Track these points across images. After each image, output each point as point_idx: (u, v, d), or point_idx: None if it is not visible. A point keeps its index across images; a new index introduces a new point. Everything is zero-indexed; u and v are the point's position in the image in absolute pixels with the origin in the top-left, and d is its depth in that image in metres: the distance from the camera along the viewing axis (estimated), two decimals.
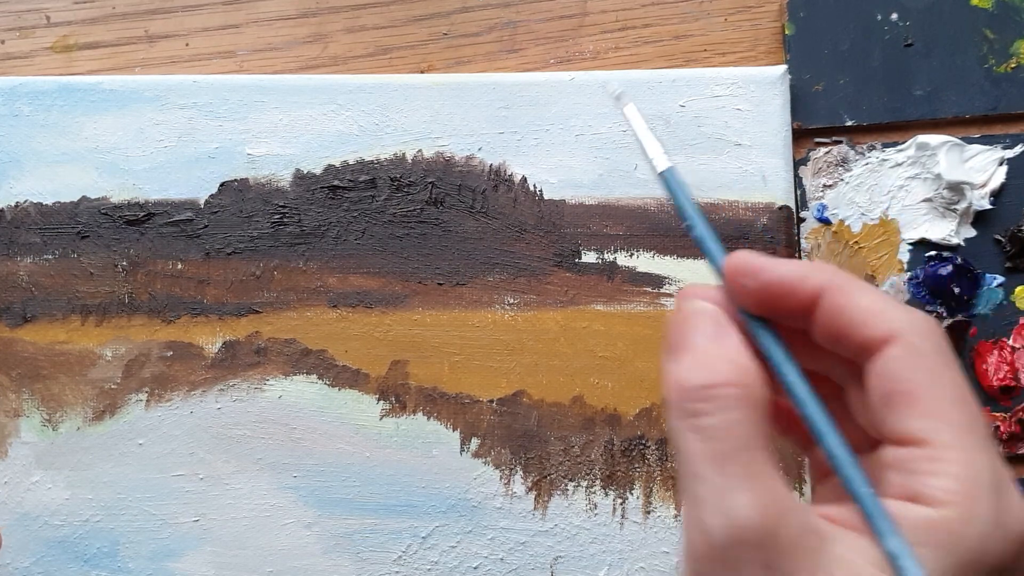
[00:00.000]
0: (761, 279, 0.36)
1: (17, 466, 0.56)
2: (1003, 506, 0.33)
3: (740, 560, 0.33)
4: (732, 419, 0.34)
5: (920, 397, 0.34)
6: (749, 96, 0.58)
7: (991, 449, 0.34)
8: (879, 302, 0.35)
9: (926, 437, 0.33)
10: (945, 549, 0.32)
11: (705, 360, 0.35)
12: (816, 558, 0.32)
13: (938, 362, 0.34)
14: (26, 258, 0.58)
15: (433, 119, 0.59)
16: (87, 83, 0.59)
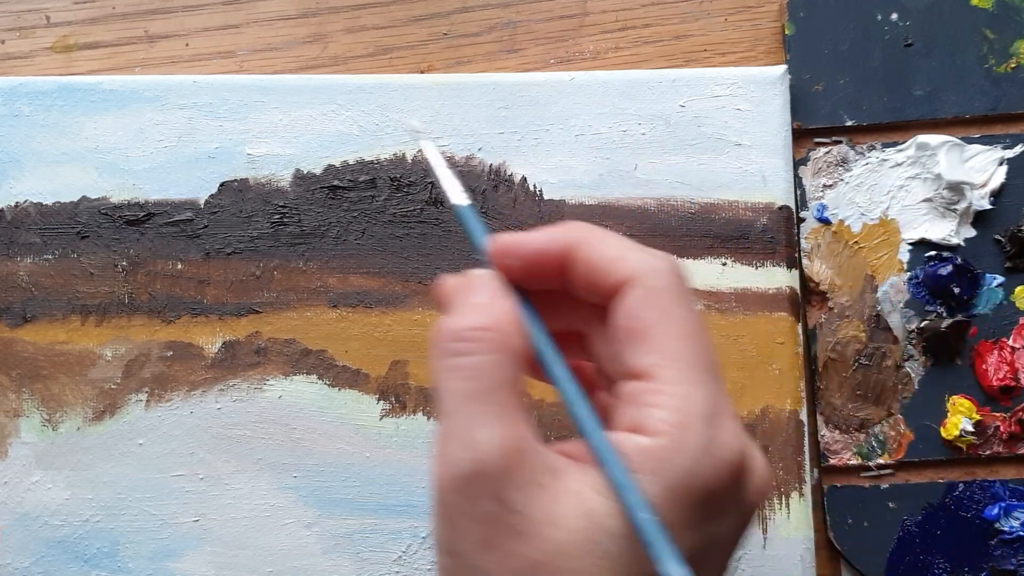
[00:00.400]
0: (521, 254, 0.39)
1: (17, 466, 0.56)
2: (715, 436, 0.35)
3: (477, 492, 0.35)
4: (487, 360, 0.36)
5: (650, 334, 0.36)
6: (749, 96, 0.58)
7: (713, 383, 0.36)
8: (621, 249, 0.38)
9: (651, 371, 0.36)
10: (657, 474, 0.34)
11: (472, 309, 0.38)
12: (547, 493, 0.35)
13: (671, 300, 0.37)
14: (26, 258, 0.58)
15: (433, 119, 0.59)
16: (87, 83, 0.59)
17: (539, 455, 0.36)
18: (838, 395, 0.58)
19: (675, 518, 0.34)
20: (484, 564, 0.36)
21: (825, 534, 0.57)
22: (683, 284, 0.38)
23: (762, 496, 0.39)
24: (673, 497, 0.34)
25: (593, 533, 0.34)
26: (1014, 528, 0.56)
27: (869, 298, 0.58)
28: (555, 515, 0.35)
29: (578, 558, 0.34)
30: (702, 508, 0.35)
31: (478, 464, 0.35)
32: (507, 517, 0.35)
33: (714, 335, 0.57)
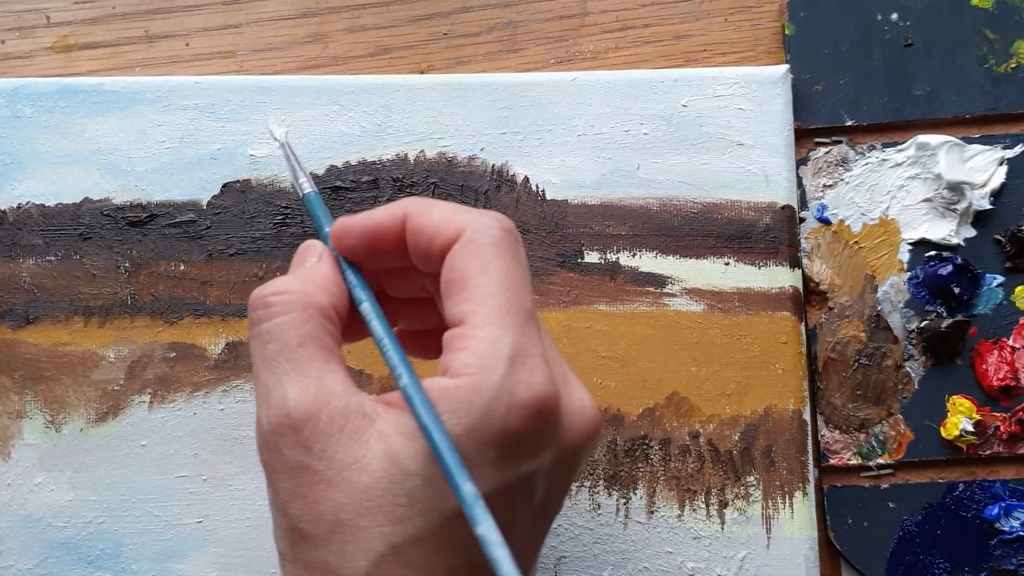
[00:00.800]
0: (358, 231, 0.41)
1: (20, 468, 0.56)
2: (516, 377, 0.36)
3: (283, 444, 0.37)
4: (286, 320, 0.39)
5: (467, 283, 0.38)
6: (751, 96, 0.58)
7: (522, 326, 0.38)
8: (449, 211, 0.40)
9: (464, 317, 0.38)
10: (457, 414, 0.36)
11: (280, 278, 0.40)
12: (355, 438, 0.37)
13: (491, 253, 0.38)
14: (28, 259, 0.58)
15: (435, 120, 0.59)
16: (89, 84, 0.59)
17: (348, 403, 0.38)
18: (838, 395, 0.58)
19: (476, 456, 0.36)
20: (294, 512, 0.37)
21: (825, 534, 0.57)
22: (508, 239, 0.39)
23: (585, 438, 0.40)
24: (473, 435, 0.36)
25: (396, 475, 0.36)
26: (1014, 528, 0.57)
27: (869, 298, 0.58)
28: (362, 459, 0.37)
29: (381, 498, 0.36)
30: (504, 446, 0.36)
31: (282, 419, 0.37)
32: (313, 464, 0.37)
33: (717, 335, 0.57)
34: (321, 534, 0.37)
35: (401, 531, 0.36)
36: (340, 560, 0.37)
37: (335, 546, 0.37)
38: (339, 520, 0.37)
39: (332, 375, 0.38)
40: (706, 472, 0.56)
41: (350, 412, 0.37)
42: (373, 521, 0.36)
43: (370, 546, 0.36)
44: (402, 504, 0.36)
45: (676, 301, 0.57)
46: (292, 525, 0.38)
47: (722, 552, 0.55)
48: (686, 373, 0.57)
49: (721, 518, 0.56)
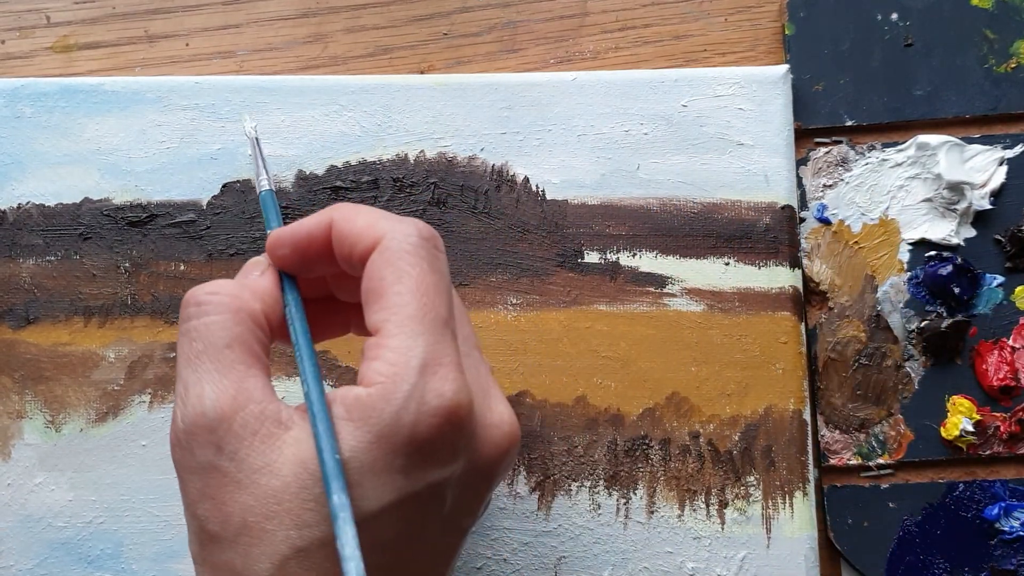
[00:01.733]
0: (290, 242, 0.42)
1: (20, 468, 0.56)
2: (427, 385, 0.37)
3: (195, 442, 0.38)
4: (214, 321, 0.39)
5: (383, 292, 0.39)
6: (751, 96, 0.58)
7: (435, 335, 0.38)
8: (372, 218, 0.40)
9: (380, 326, 0.39)
10: (366, 422, 0.36)
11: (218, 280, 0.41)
12: (268, 443, 0.37)
13: (407, 260, 0.39)
14: (28, 260, 0.58)
15: (435, 120, 0.59)
16: (89, 84, 0.59)
17: (264, 409, 0.38)
18: (838, 395, 0.58)
19: (384, 463, 0.37)
20: (202, 512, 0.38)
21: (825, 534, 0.57)
22: (425, 246, 0.40)
23: (501, 452, 0.40)
24: (380, 443, 0.36)
25: (305, 479, 0.37)
26: (1014, 528, 0.57)
27: (869, 298, 0.58)
28: (273, 463, 0.37)
29: (289, 502, 0.36)
30: (412, 454, 0.37)
31: (196, 417, 0.38)
32: (224, 466, 0.37)
33: (717, 334, 0.57)
34: (228, 536, 0.37)
35: (308, 535, 0.36)
36: (245, 562, 0.37)
37: (241, 548, 0.37)
38: (246, 522, 0.37)
39: (253, 380, 0.39)
40: (706, 472, 0.56)
41: (266, 417, 0.38)
42: (280, 524, 0.37)
43: (275, 549, 0.37)
44: (309, 508, 0.37)
45: (676, 301, 0.57)
46: (201, 526, 0.38)
47: (722, 552, 0.55)
48: (686, 373, 0.57)
49: (721, 518, 0.56)
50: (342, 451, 0.36)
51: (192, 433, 0.38)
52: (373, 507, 0.37)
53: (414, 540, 0.38)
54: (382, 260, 0.39)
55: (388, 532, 0.37)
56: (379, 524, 0.37)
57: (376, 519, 0.37)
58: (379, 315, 0.39)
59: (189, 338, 0.40)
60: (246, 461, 0.37)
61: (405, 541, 0.38)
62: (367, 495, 0.37)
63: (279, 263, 0.42)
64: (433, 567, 0.40)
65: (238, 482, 0.37)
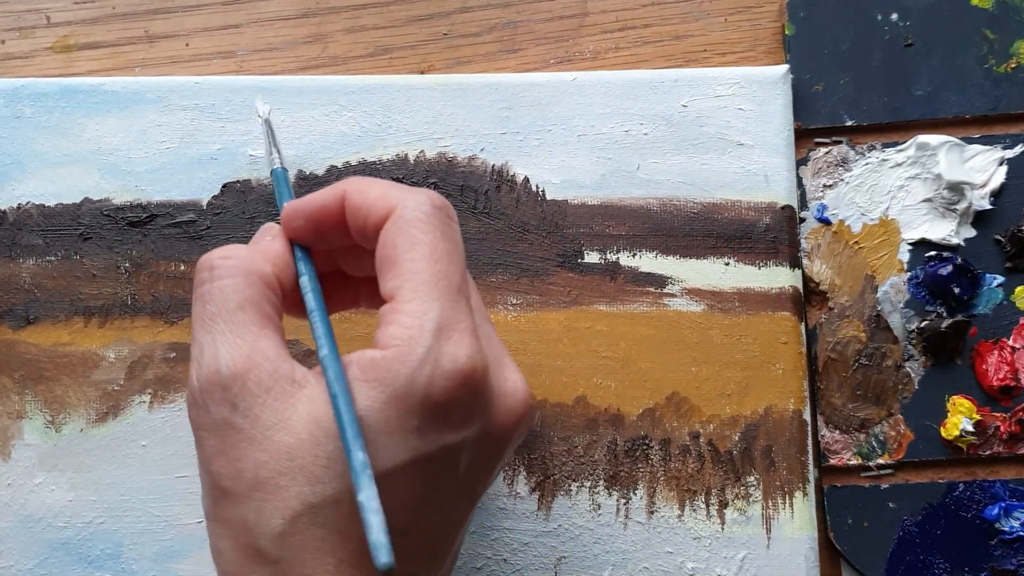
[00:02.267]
0: (304, 213, 0.42)
1: (20, 468, 0.56)
2: (441, 348, 0.37)
3: (210, 400, 0.38)
4: (227, 284, 0.40)
5: (397, 259, 0.39)
6: (751, 96, 0.58)
7: (450, 300, 0.39)
8: (384, 188, 0.41)
9: (394, 293, 0.39)
10: (382, 383, 0.37)
11: (230, 245, 0.42)
12: (282, 401, 0.38)
13: (421, 228, 0.39)
14: (28, 260, 0.58)
15: (435, 120, 0.59)
16: (89, 84, 0.59)
17: (278, 367, 0.39)
18: (838, 395, 0.58)
19: (399, 423, 0.37)
20: (216, 468, 0.39)
21: (825, 534, 0.57)
22: (438, 214, 0.40)
23: (515, 419, 0.41)
24: (394, 403, 0.37)
25: (319, 436, 0.37)
26: (1014, 528, 0.57)
27: (869, 298, 0.58)
28: (287, 420, 0.38)
29: (302, 458, 0.37)
30: (427, 415, 0.37)
31: (211, 375, 0.38)
32: (238, 423, 0.38)
33: (717, 334, 0.57)
34: (241, 491, 0.38)
35: (320, 491, 0.37)
36: (258, 518, 0.37)
37: (254, 504, 0.38)
38: (259, 478, 0.37)
39: (267, 340, 0.39)
40: (706, 472, 0.56)
41: (280, 376, 0.39)
42: (293, 481, 0.37)
43: (287, 504, 0.37)
44: (322, 465, 0.37)
45: (676, 301, 0.57)
46: (214, 482, 0.39)
47: (722, 552, 0.55)
48: (686, 373, 0.57)
49: (721, 518, 0.56)
50: (357, 410, 0.37)
51: (207, 391, 0.39)
52: (387, 466, 0.37)
53: (427, 503, 0.39)
54: (395, 229, 0.40)
55: (401, 493, 0.38)
56: (392, 484, 0.37)
57: (389, 479, 0.37)
58: (393, 282, 0.39)
59: (203, 302, 0.40)
60: (260, 418, 0.38)
61: (418, 503, 0.38)
62: (381, 454, 0.37)
63: (294, 234, 0.43)
64: (444, 533, 0.41)
65: (252, 439, 0.38)
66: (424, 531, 0.39)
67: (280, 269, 0.42)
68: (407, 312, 0.38)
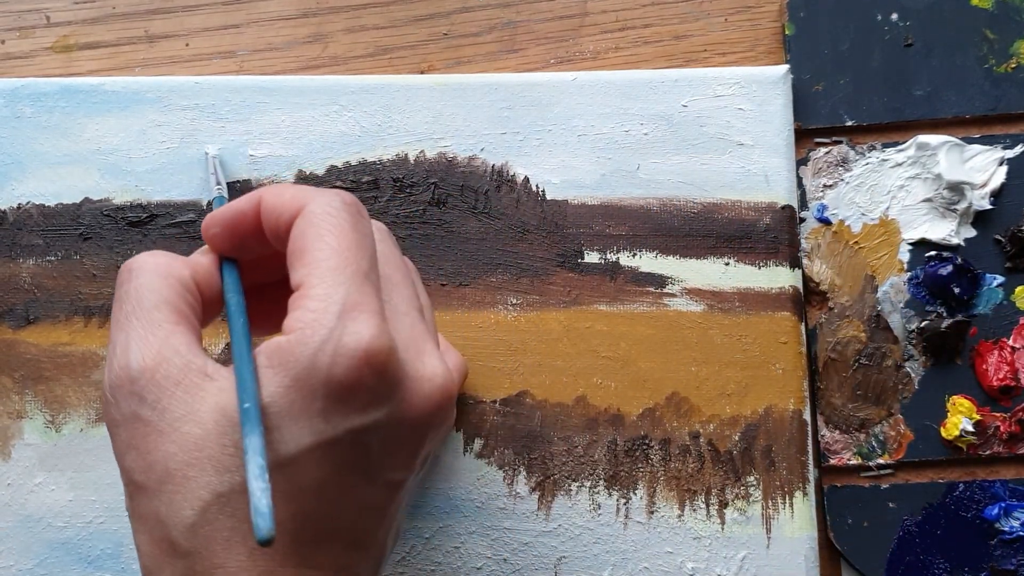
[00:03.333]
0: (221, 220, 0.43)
1: (20, 468, 0.56)
2: (344, 328, 0.37)
3: (120, 395, 0.39)
4: (142, 283, 0.41)
5: (306, 251, 0.40)
6: (751, 96, 0.58)
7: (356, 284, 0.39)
8: (296, 191, 0.42)
9: (302, 281, 0.39)
10: (285, 367, 0.37)
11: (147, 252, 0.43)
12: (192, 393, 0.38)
13: (329, 221, 0.40)
14: (28, 260, 0.58)
15: (435, 120, 0.59)
16: (89, 84, 0.59)
17: (189, 361, 0.39)
18: (838, 395, 0.58)
19: (300, 407, 0.38)
20: (128, 463, 0.39)
21: (825, 534, 0.57)
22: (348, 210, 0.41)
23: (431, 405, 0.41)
24: (297, 386, 0.37)
25: (225, 425, 0.38)
26: (1014, 528, 0.57)
27: (869, 298, 0.58)
28: (195, 411, 0.38)
29: (210, 448, 0.38)
30: (330, 396, 0.37)
31: (121, 371, 0.39)
32: (147, 415, 0.38)
33: (717, 334, 0.57)
34: (152, 485, 0.38)
35: (228, 480, 0.37)
36: (169, 509, 0.38)
37: (165, 496, 0.38)
38: (169, 470, 0.38)
39: (180, 337, 0.40)
40: (706, 472, 0.56)
41: (190, 369, 0.39)
42: (201, 471, 0.37)
43: (197, 495, 0.37)
44: (229, 454, 0.37)
45: (676, 301, 0.57)
46: (128, 477, 0.39)
47: (722, 552, 0.55)
48: (686, 373, 0.57)
49: (721, 518, 0.56)
50: (262, 397, 0.37)
51: (117, 386, 0.39)
52: (291, 450, 0.37)
53: (336, 488, 0.39)
54: (304, 223, 0.40)
55: (308, 477, 0.38)
56: (298, 468, 0.38)
57: (295, 463, 0.38)
58: (301, 271, 0.39)
59: (120, 303, 0.41)
60: (168, 410, 0.38)
61: (327, 488, 0.39)
62: (285, 438, 0.37)
63: (211, 242, 0.44)
64: (362, 521, 0.41)
65: (161, 431, 0.38)
66: (337, 517, 0.40)
67: (200, 275, 0.43)
68: (312, 296, 0.38)
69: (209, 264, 0.43)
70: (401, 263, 0.44)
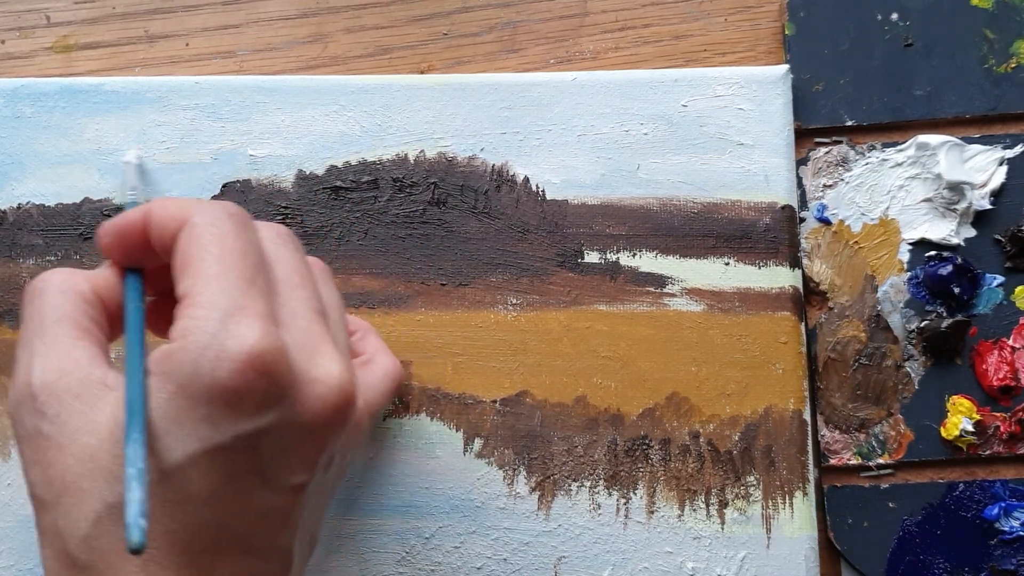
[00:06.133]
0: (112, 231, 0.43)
1: (20, 468, 0.56)
2: (227, 332, 0.37)
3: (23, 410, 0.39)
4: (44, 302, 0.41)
5: (190, 263, 0.39)
6: (751, 96, 0.58)
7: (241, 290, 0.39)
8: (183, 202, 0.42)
9: (187, 292, 0.39)
10: (169, 374, 0.37)
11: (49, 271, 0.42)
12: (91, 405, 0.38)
13: (210, 232, 0.40)
14: (28, 260, 0.58)
15: (435, 120, 0.59)
16: (89, 84, 0.59)
17: (90, 374, 0.39)
18: (838, 395, 0.58)
19: (185, 413, 0.37)
20: (32, 478, 0.39)
21: (825, 534, 0.57)
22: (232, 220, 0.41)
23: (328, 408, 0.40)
24: (182, 393, 0.37)
25: (118, 436, 0.37)
26: (1014, 528, 0.57)
27: (869, 298, 0.58)
28: (92, 423, 0.38)
29: (102, 458, 0.37)
30: (214, 401, 0.37)
31: (23, 387, 0.39)
32: (47, 429, 0.38)
33: (717, 334, 0.57)
34: (51, 499, 0.38)
35: (118, 490, 0.37)
36: (66, 522, 0.38)
37: (62, 509, 0.38)
38: (66, 483, 0.38)
39: (81, 350, 0.40)
40: (706, 472, 0.56)
41: (90, 382, 0.39)
42: (94, 482, 0.37)
43: (90, 507, 0.37)
44: (119, 464, 0.37)
45: (676, 301, 0.57)
46: (31, 492, 0.39)
47: (722, 552, 0.55)
48: (686, 373, 0.57)
49: (721, 518, 0.56)
50: (149, 405, 0.37)
51: (20, 403, 0.39)
52: (178, 458, 0.37)
53: (229, 495, 0.38)
54: (188, 236, 0.40)
55: (197, 484, 0.38)
56: (186, 476, 0.37)
57: (182, 471, 0.37)
58: (186, 282, 0.39)
59: (25, 323, 0.41)
60: (68, 423, 0.38)
61: (218, 496, 0.38)
62: (171, 446, 0.37)
63: (105, 251, 0.43)
64: (262, 528, 0.40)
65: (60, 445, 0.38)
66: (232, 525, 0.39)
67: (101, 288, 0.42)
68: (196, 304, 0.38)
69: (111, 275, 0.43)
70: (301, 265, 0.44)
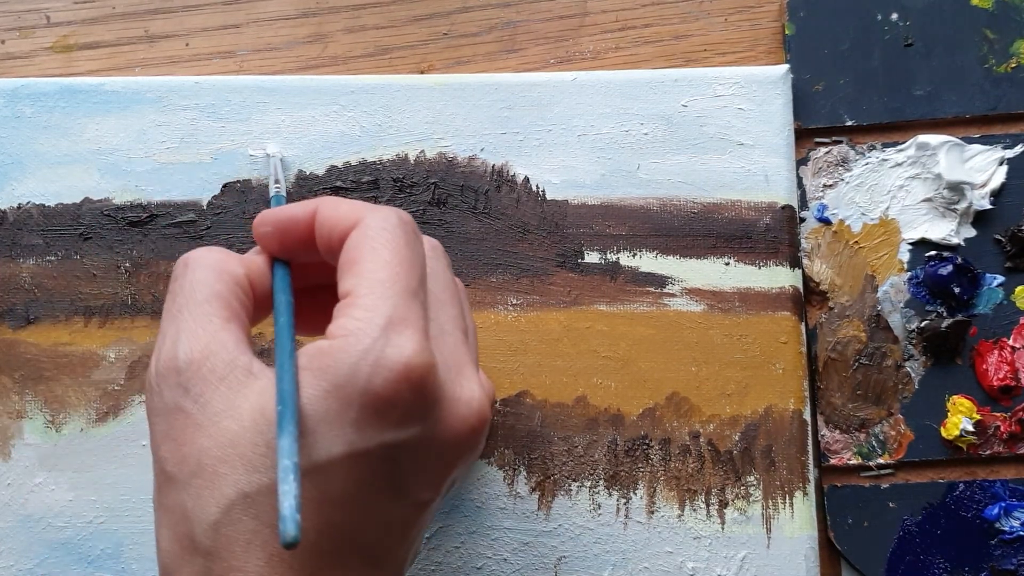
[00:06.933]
0: (272, 220, 0.43)
1: (20, 468, 0.56)
2: (388, 341, 0.38)
3: (164, 384, 0.39)
4: (196, 278, 0.41)
5: (358, 262, 0.40)
6: (751, 96, 0.58)
7: (405, 301, 0.39)
8: (353, 205, 0.42)
9: (351, 290, 0.39)
10: (324, 371, 0.37)
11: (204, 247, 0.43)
12: (234, 389, 0.38)
13: (383, 236, 0.40)
14: (29, 260, 0.58)
15: (435, 120, 0.59)
16: (89, 84, 0.59)
17: (236, 358, 0.39)
18: (838, 395, 0.58)
19: (336, 414, 0.37)
20: (163, 453, 0.39)
21: (825, 534, 0.57)
22: (402, 227, 0.41)
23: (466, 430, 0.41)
24: (337, 393, 0.37)
25: (262, 424, 0.37)
26: (1014, 528, 0.57)
27: (869, 298, 0.58)
28: (235, 408, 0.38)
29: (243, 446, 0.37)
30: (366, 407, 0.37)
31: (169, 361, 0.39)
32: (188, 407, 0.38)
33: (717, 334, 0.57)
34: (183, 477, 0.38)
35: (255, 480, 0.37)
36: (195, 504, 0.38)
37: (193, 490, 0.38)
38: (201, 464, 0.38)
39: (228, 333, 0.40)
40: (706, 472, 0.56)
41: (236, 366, 0.39)
42: (231, 468, 0.37)
43: (223, 493, 0.37)
44: (260, 453, 0.37)
45: (676, 301, 0.57)
46: (160, 468, 0.39)
47: (722, 552, 0.55)
48: (686, 373, 0.57)
49: (721, 518, 0.56)
50: (300, 399, 0.37)
51: (162, 375, 0.39)
52: (322, 457, 0.37)
53: (363, 502, 0.38)
54: (360, 235, 0.40)
55: (335, 487, 0.38)
56: (327, 477, 0.37)
57: (324, 471, 0.37)
58: (350, 281, 0.40)
59: (173, 295, 0.41)
60: (210, 404, 0.38)
61: (353, 501, 0.38)
62: (318, 444, 0.37)
63: (260, 240, 0.44)
64: (384, 538, 0.40)
65: (199, 424, 0.38)
66: (360, 531, 0.39)
67: (254, 273, 0.43)
68: (359, 306, 0.38)
69: (262, 263, 0.43)
70: (451, 283, 0.44)
